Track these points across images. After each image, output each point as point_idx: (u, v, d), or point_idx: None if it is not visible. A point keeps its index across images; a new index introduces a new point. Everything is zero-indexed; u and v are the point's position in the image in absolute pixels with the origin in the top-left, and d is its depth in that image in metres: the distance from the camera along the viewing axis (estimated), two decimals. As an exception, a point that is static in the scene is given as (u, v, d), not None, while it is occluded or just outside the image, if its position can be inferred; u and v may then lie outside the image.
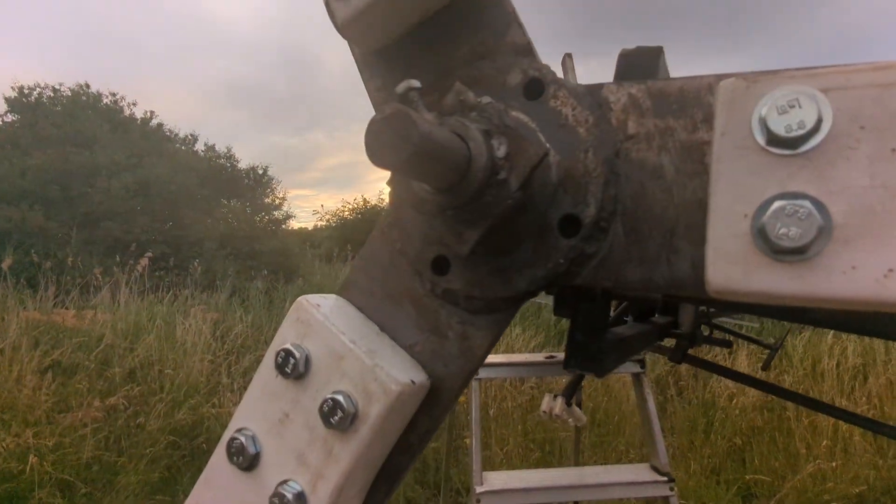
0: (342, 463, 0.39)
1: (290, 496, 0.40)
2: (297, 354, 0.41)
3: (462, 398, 3.33)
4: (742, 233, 0.28)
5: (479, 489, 1.56)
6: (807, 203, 0.27)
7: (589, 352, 0.50)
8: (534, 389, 4.81)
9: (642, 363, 1.72)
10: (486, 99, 0.37)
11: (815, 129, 0.27)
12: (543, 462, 4.02)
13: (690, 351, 1.11)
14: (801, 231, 0.27)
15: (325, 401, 0.39)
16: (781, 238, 0.27)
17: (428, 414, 0.43)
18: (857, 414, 0.80)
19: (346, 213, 21.05)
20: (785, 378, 4.83)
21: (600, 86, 0.39)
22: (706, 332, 0.93)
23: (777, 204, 0.27)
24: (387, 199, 0.46)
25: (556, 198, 0.38)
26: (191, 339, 5.29)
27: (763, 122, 0.28)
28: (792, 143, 0.27)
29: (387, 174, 0.37)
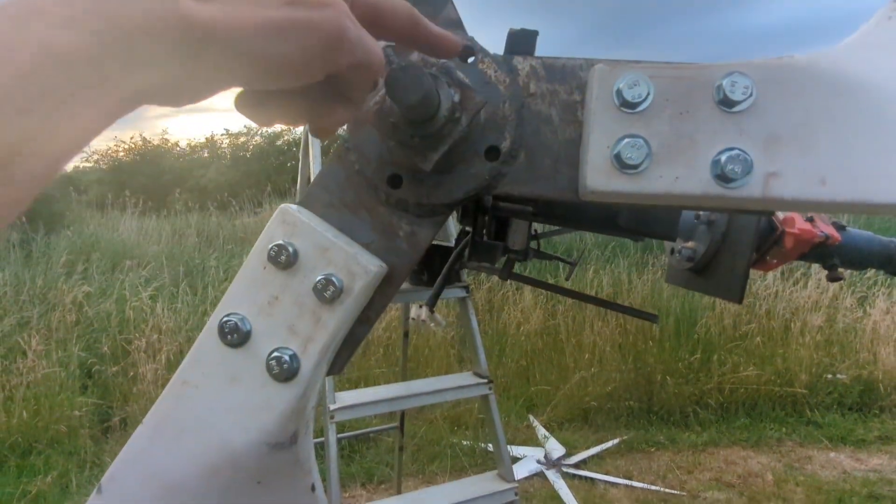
0: (330, 327, 0.52)
1: (286, 357, 0.52)
2: (290, 248, 0.52)
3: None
4: (606, 156, 0.49)
5: (332, 406, 1.71)
6: (640, 140, 0.48)
7: (487, 249, 0.69)
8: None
9: (467, 289, 2.02)
10: (441, 59, 0.52)
11: (646, 98, 0.48)
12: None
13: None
14: (638, 155, 0.48)
15: (319, 280, 0.52)
16: (627, 160, 0.48)
17: (383, 293, 0.57)
18: (615, 302, 1.13)
19: (121, 153, 18.20)
20: (560, 301, 5.77)
21: (511, 57, 0.56)
22: (534, 250, 1.20)
23: (625, 140, 0.48)
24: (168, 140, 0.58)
25: (484, 133, 0.55)
26: None
27: (619, 92, 0.48)
28: (633, 105, 0.48)
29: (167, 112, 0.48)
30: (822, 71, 0.47)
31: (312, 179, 0.55)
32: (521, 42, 0.64)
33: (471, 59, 0.56)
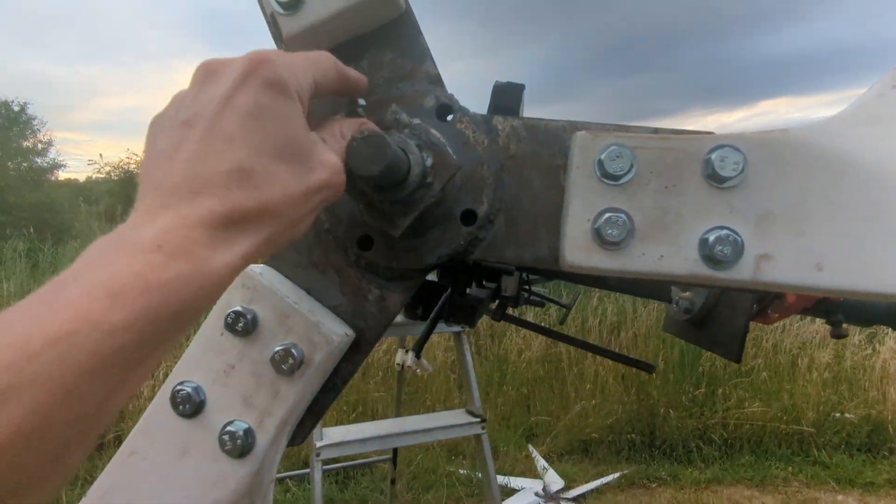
0: (289, 400, 0.49)
1: (239, 432, 0.48)
2: (248, 315, 0.49)
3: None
4: (586, 231, 0.46)
5: (318, 444, 1.67)
6: (622, 216, 0.45)
7: (465, 310, 0.66)
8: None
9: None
10: (415, 120, 0.49)
11: (628, 170, 0.45)
12: (360, 420, 4.22)
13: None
14: (619, 232, 0.44)
15: (277, 351, 0.48)
16: (608, 236, 0.45)
17: (350, 360, 0.54)
18: (611, 351, 1.09)
19: (133, 166, 18.36)
20: (563, 328, 5.71)
21: (491, 117, 0.54)
22: (525, 296, 1.17)
23: (606, 215, 0.45)
24: None
25: (460, 197, 0.52)
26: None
27: (601, 163, 0.45)
28: (616, 178, 0.45)
29: None
30: (818, 147, 0.44)
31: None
32: (506, 96, 0.61)
33: (449, 117, 0.54)
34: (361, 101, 0.47)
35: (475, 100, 0.56)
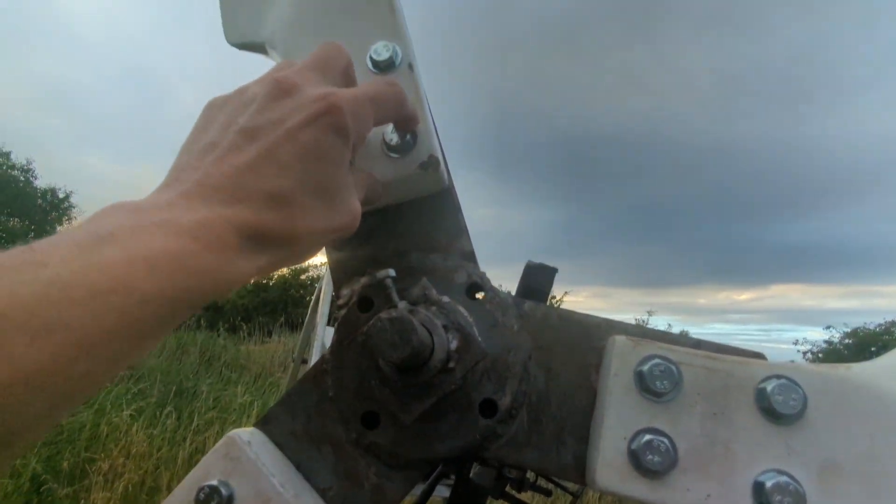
0: None
1: None
2: (223, 492, 0.42)
3: None
4: (621, 451, 0.40)
5: None
6: (665, 441, 0.39)
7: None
8: None
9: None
10: (445, 298, 0.47)
11: (673, 389, 0.41)
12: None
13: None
14: (661, 460, 0.39)
15: (247, 545, 0.41)
16: (647, 462, 0.39)
17: None
18: None
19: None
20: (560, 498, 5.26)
21: (523, 301, 0.51)
22: (532, 480, 1.06)
23: (646, 437, 0.40)
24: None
25: (481, 384, 0.47)
26: None
27: (641, 375, 0.41)
28: (658, 395, 0.41)
29: None
30: (887, 389, 0.40)
31: (290, 381, 0.46)
32: (537, 279, 0.59)
33: (479, 295, 0.51)
34: (391, 272, 0.44)
35: (494, 246, 0.54)
